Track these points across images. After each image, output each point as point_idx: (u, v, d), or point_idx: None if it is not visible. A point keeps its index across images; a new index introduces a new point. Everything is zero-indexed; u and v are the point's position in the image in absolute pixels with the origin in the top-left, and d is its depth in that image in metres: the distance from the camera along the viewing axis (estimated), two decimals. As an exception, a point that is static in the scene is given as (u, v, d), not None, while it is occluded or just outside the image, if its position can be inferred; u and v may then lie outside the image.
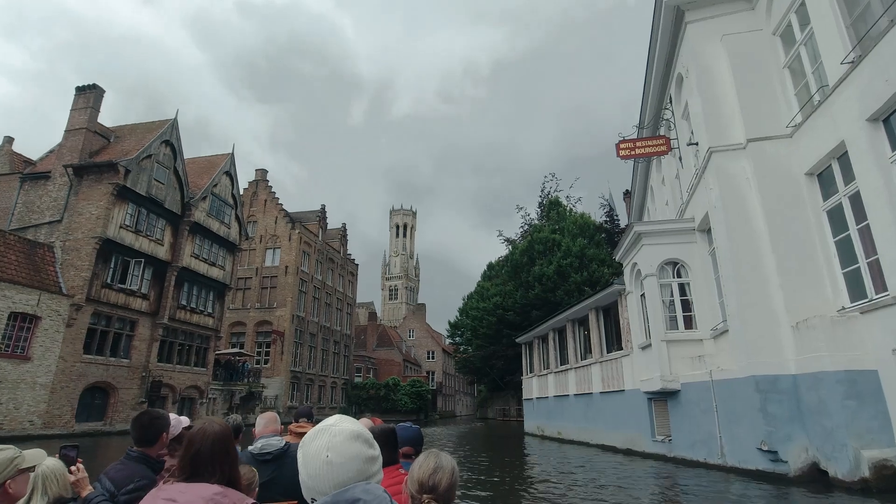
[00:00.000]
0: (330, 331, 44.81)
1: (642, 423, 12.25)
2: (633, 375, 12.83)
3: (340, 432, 1.20)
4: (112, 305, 21.36)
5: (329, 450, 1.17)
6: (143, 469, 2.30)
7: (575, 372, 16.88)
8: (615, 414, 13.72)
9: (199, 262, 26.59)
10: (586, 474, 10.09)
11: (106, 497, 2.10)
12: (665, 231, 11.66)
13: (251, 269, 39.91)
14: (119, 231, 21.56)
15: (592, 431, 15.07)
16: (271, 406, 34.83)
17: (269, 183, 42.73)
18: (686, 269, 11.49)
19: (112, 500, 2.11)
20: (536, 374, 21.13)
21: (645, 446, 12.05)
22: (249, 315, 38.54)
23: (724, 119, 9.83)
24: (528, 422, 22.25)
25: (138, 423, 2.39)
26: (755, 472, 8.26)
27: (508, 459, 13.69)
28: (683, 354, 10.79)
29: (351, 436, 1.20)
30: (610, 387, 14.20)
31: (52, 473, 2.02)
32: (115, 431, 20.87)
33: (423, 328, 72.59)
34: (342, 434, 1.20)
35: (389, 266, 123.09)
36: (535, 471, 10.99)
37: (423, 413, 50.30)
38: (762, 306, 8.59)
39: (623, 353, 13.51)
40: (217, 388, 28.53)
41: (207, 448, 1.52)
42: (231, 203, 29.52)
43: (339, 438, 1.19)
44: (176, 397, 24.91)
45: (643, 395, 12.14)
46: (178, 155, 24.95)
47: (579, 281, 35.83)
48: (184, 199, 25.33)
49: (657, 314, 11.23)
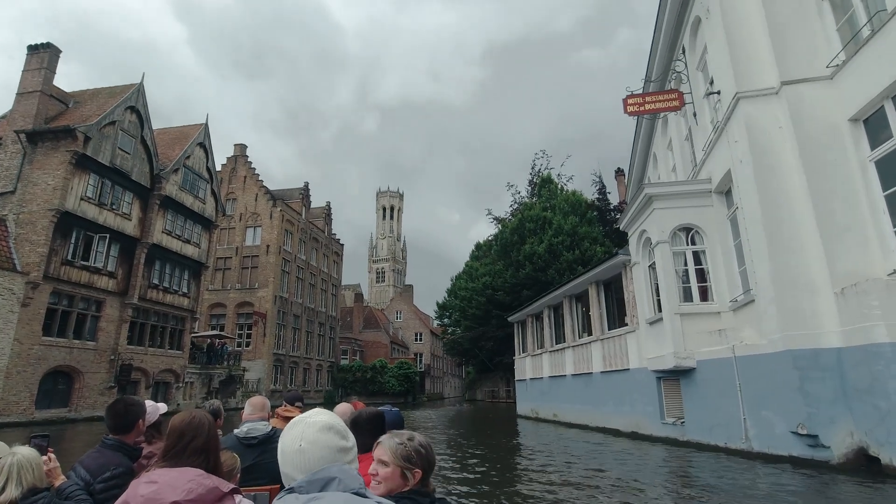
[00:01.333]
0: (314, 312, 43.48)
1: (650, 404, 11.29)
2: (640, 353, 11.83)
3: (314, 423, 1.24)
4: (74, 284, 19.76)
5: (302, 439, 1.21)
6: (120, 457, 2.27)
7: (573, 350, 15.88)
8: (618, 395, 12.75)
9: (171, 238, 24.95)
10: (592, 461, 9.07)
11: (80, 486, 2.07)
12: (679, 193, 10.52)
13: (231, 249, 38.23)
14: (80, 203, 19.84)
15: (592, 413, 14.13)
16: (253, 390, 33.64)
17: (248, 158, 40.77)
18: (701, 236, 10.40)
19: (87, 488, 2.08)
20: (530, 354, 20.16)
21: (653, 429, 11.10)
22: (230, 296, 37.00)
23: (752, 61, 8.63)
24: (521, 404, 21.35)
25: (113, 411, 2.37)
26: (788, 459, 7.29)
27: (503, 441, 12.70)
28: (699, 329, 9.75)
29: (324, 427, 1.24)
30: (612, 366, 13.21)
31: (28, 462, 1.97)
32: (80, 418, 19.48)
33: (410, 310, 71.59)
34: (315, 425, 1.24)
35: (376, 248, 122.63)
36: (533, 458, 9.95)
37: (412, 395, 49.55)
38: (798, 272, 7.52)
39: (628, 329, 12.48)
40: (194, 372, 27.15)
41: (201, 439, 1.60)
42: (206, 177, 27.75)
43: (312, 429, 1.23)
44: (149, 382, 23.50)
45: (651, 374, 11.15)
46: (146, 123, 23.10)
47: (571, 259, 34.96)
48: (153, 171, 23.57)
49: (669, 285, 10.16)
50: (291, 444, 1.22)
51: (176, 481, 1.41)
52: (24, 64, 20.84)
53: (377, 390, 45.26)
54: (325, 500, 1.08)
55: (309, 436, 1.22)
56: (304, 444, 1.21)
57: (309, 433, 1.22)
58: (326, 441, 1.22)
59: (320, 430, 1.23)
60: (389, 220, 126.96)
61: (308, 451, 1.20)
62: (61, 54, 21.43)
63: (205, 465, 1.56)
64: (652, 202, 10.61)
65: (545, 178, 44.04)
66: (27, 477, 1.94)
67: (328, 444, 1.22)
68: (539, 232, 38.14)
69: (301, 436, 1.22)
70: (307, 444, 1.21)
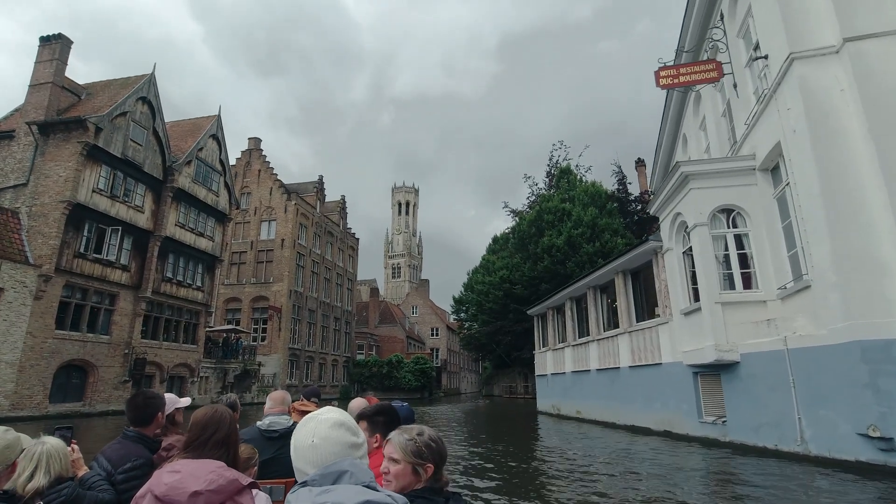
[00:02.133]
0: (330, 307, 43.18)
1: (685, 401, 10.43)
2: (673, 346, 10.96)
3: (326, 420, 1.26)
4: (87, 277, 19.55)
5: (314, 435, 1.23)
6: (141, 448, 2.31)
7: (597, 344, 15.04)
8: (649, 391, 11.91)
9: (184, 231, 24.68)
10: (624, 463, 8.29)
11: (102, 476, 2.12)
12: (719, 172, 9.61)
13: (246, 243, 38.06)
14: (92, 196, 19.60)
15: (619, 410, 13.30)
16: (269, 384, 33.46)
17: (262, 152, 40.51)
18: (744, 218, 9.49)
19: (109, 479, 2.12)
20: (551, 348, 19.34)
21: (688, 428, 10.25)
22: (245, 290, 36.85)
23: (808, 18, 7.69)
24: (542, 400, 20.56)
25: (133, 404, 2.42)
26: (854, 465, 6.42)
27: (524, 439, 11.98)
28: (743, 319, 8.87)
29: (335, 423, 1.26)
30: (642, 360, 12.35)
31: (56, 452, 2.00)
32: (94, 413, 19.33)
33: (426, 304, 71.06)
34: (327, 422, 1.26)
35: (392, 244, 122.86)
36: (555, 460, 9.21)
37: (428, 391, 49.06)
38: (866, 252, 6.62)
39: (659, 321, 11.61)
40: (209, 367, 26.94)
41: (222, 433, 1.67)
42: (219, 169, 27.43)
43: (325, 426, 1.25)
44: (164, 376, 23.31)
45: (687, 368, 10.29)
46: (157, 114, 22.80)
47: (591, 252, 33.96)
48: (165, 164, 23.28)
49: (708, 272, 9.28)
50: (304, 439, 1.24)
51: (198, 471, 1.44)
52: (37, 55, 20.65)
53: (393, 385, 44.83)
54: (337, 492, 1.10)
55: (321, 432, 1.23)
56: (316, 440, 1.22)
57: (321, 429, 1.24)
58: (338, 437, 1.23)
59: (332, 426, 1.24)
60: (405, 215, 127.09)
61: (320, 447, 1.21)
62: (73, 45, 21.19)
63: (225, 457, 1.62)
64: (688, 182, 9.72)
65: (563, 169, 42.92)
66: (55, 466, 1.98)
67: (340, 440, 1.23)
68: (558, 224, 37.17)
69: (314, 432, 1.24)
70: (319, 440, 1.22)
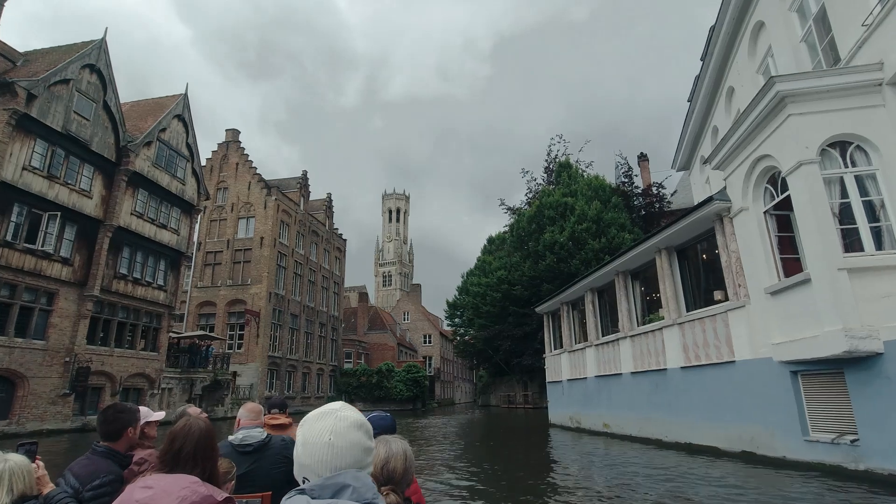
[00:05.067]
0: (315, 312, 40.02)
1: (776, 411, 7.64)
2: (753, 338, 8.19)
3: (346, 418, 1.14)
4: (15, 270, 16.41)
5: (332, 433, 1.10)
6: (110, 464, 2.19)
7: (631, 342, 12.24)
8: (715, 397, 9.10)
9: (143, 222, 21.61)
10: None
11: (69, 493, 2.00)
12: (830, 90, 6.91)
13: (221, 242, 34.93)
14: (22, 174, 16.54)
15: (668, 424, 10.47)
16: (246, 396, 30.24)
17: (241, 144, 37.49)
18: (866, 152, 6.79)
19: (76, 496, 2.00)
20: (567, 350, 16.50)
21: (784, 449, 7.45)
22: (220, 293, 33.63)
23: None
24: (556, 410, 17.65)
25: (103, 417, 2.32)
26: None
27: (535, 464, 9.12)
28: (881, 292, 6.14)
29: (355, 424, 1.14)
30: (702, 358, 9.56)
31: (20, 469, 1.83)
32: (24, 433, 16.03)
33: (418, 310, 67.95)
34: (347, 420, 1.13)
35: (383, 252, 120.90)
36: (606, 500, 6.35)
37: (421, 401, 45.89)
38: None
39: (729, 305, 8.84)
40: (173, 377, 23.72)
41: (191, 445, 1.58)
42: (185, 154, 24.42)
43: (344, 424, 1.12)
44: (116, 388, 20.08)
45: (780, 366, 7.52)
46: (110, 86, 19.84)
47: (597, 248, 31.35)
48: (119, 143, 20.30)
49: (824, 228, 6.55)
50: (320, 436, 1.10)
51: (171, 487, 1.39)
52: (-38, 13, 17.66)
53: (383, 396, 41.65)
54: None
55: (340, 429, 1.10)
56: (333, 437, 1.09)
57: (340, 427, 1.11)
58: (356, 440, 1.12)
59: (351, 426, 1.12)
60: (395, 222, 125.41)
61: (337, 446, 1.09)
62: (6, 3, 18.22)
63: (200, 472, 1.56)
64: (785, 106, 7.02)
65: (563, 164, 40.43)
66: (18, 484, 1.81)
67: (358, 443, 1.12)
68: (559, 220, 34.54)
69: (332, 429, 1.10)
70: (337, 439, 1.09)
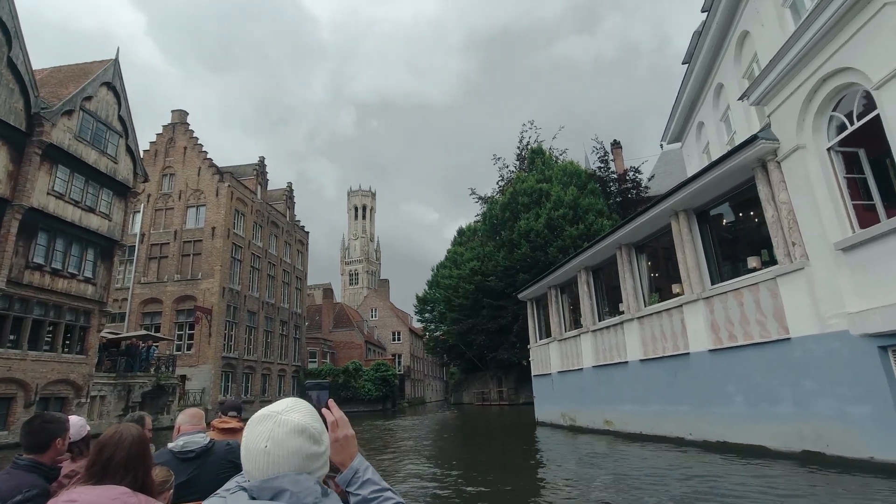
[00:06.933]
0: (275, 309, 37.12)
1: (858, 398, 5.93)
2: (818, 308, 6.48)
3: (286, 423, 1.03)
4: None
5: (270, 440, 1.01)
6: (34, 478, 2.03)
7: (638, 324, 10.47)
8: (760, 385, 7.38)
9: (64, 203, 18.56)
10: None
11: None
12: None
13: (168, 233, 31.67)
14: None
15: (692, 418, 8.73)
16: (197, 402, 27.28)
17: (189, 126, 34.19)
18: None
19: None
20: (556, 339, 14.69)
21: (871, 448, 5.74)
22: (166, 290, 30.42)
23: None
24: (544, 406, 15.81)
25: (28, 428, 2.18)
26: None
27: (527, 477, 7.22)
28: None
29: (295, 429, 1.03)
30: (738, 338, 7.83)
31: None
32: None
33: (386, 307, 65.47)
34: (287, 426, 1.02)
35: (349, 250, 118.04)
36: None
37: (391, 401, 43.63)
38: None
39: (780, 269, 7.11)
40: (106, 383, 20.71)
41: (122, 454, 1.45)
42: (118, 129, 21.35)
43: (283, 430, 1.02)
44: (31, 397, 17.06)
45: (861, 340, 5.81)
46: (16, 41, 16.76)
47: (575, 235, 29.91)
48: (30, 110, 17.24)
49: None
50: (257, 442, 1.02)
51: (98, 500, 1.28)
52: None
53: (351, 396, 39.18)
54: None
55: (278, 436, 1.01)
56: (270, 445, 1.01)
57: (278, 433, 1.01)
58: (296, 446, 1.02)
59: (291, 432, 1.02)
60: (362, 219, 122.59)
61: (273, 454, 1.00)
62: None
63: (132, 482, 1.41)
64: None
65: (536, 150, 38.99)
66: None
67: (297, 451, 1.02)
68: (535, 206, 32.97)
69: (269, 435, 1.01)
70: (273, 446, 1.01)
